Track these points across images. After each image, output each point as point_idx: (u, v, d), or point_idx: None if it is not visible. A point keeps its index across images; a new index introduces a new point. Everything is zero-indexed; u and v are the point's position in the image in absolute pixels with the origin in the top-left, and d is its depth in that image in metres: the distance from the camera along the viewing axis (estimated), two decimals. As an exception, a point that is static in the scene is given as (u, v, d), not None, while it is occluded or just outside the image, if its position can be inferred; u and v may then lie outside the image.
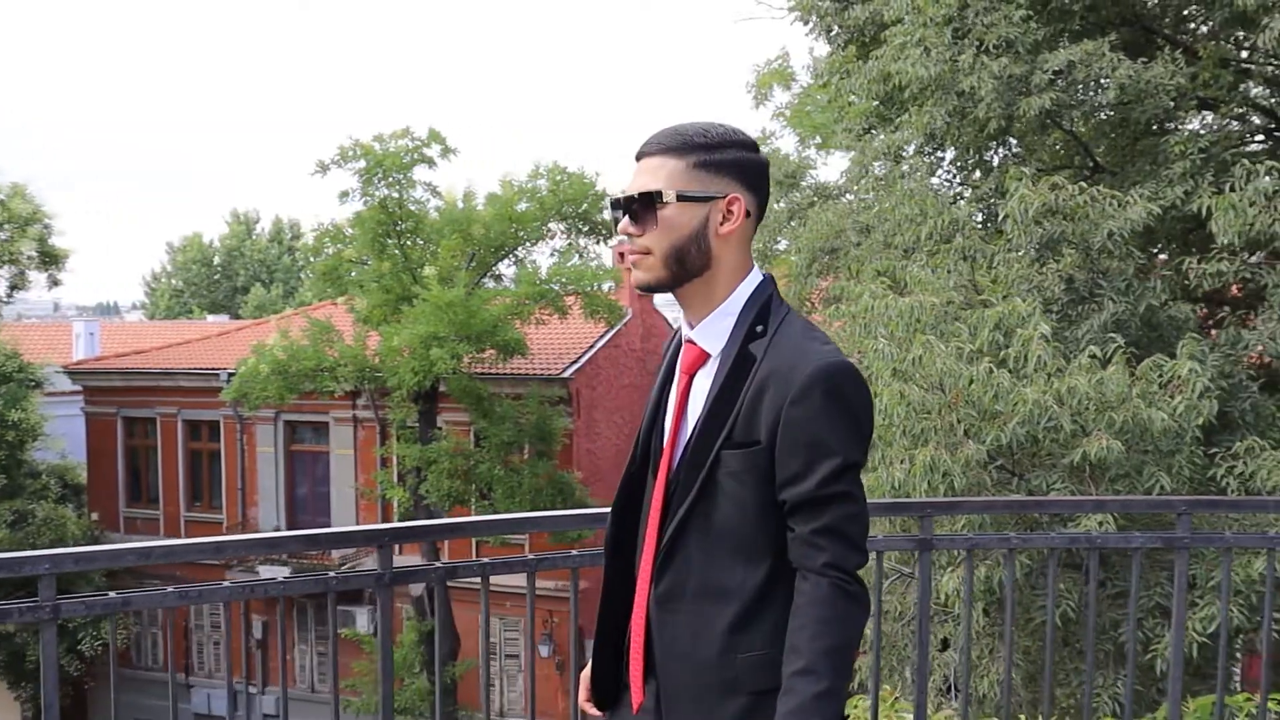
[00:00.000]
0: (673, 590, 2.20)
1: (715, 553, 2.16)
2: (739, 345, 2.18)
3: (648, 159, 2.19)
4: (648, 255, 2.17)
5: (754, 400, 2.12)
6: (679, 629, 2.19)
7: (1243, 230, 7.29)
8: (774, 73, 22.46)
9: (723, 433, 2.14)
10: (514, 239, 21.48)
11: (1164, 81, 8.46)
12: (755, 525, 2.14)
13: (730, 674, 2.13)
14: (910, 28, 9.48)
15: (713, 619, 2.15)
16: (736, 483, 2.13)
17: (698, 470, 2.16)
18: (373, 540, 3.34)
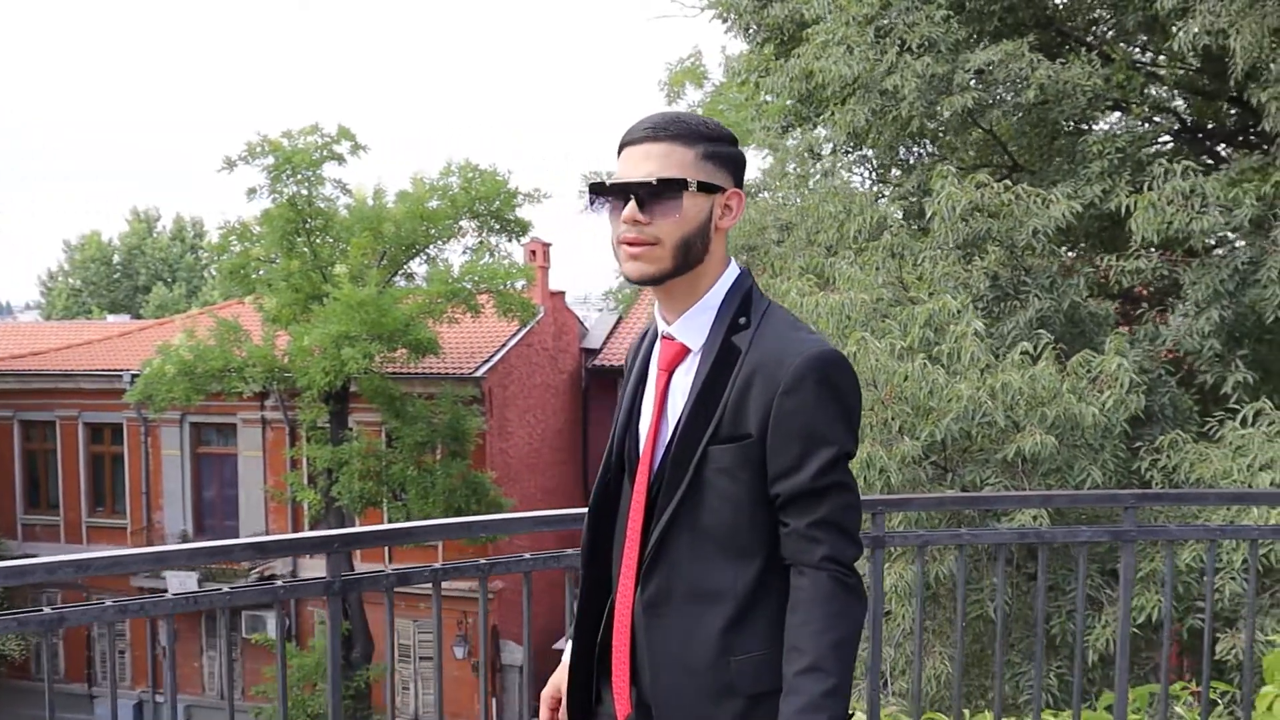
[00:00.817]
0: (660, 594, 2.13)
1: (704, 553, 2.10)
2: (722, 338, 2.12)
3: (651, 144, 2.09)
4: (655, 246, 2.07)
5: (741, 393, 2.06)
6: (669, 634, 2.12)
7: (1161, 228, 7.43)
8: (686, 71, 22.59)
9: (709, 428, 2.08)
10: (426, 237, 21.25)
11: (1082, 82, 8.59)
12: (747, 522, 2.08)
13: (726, 677, 2.07)
14: (832, 26, 9.53)
15: (705, 622, 2.09)
16: (728, 479, 2.07)
17: (684, 468, 2.10)
18: (322, 547, 3.21)
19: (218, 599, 3.09)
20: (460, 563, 3.47)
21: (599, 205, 2.17)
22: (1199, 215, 7.32)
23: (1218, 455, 6.32)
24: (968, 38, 9.27)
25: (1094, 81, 8.67)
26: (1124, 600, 3.99)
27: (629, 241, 2.09)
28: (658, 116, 2.14)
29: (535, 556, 3.59)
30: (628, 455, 2.30)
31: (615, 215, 2.12)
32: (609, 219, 2.15)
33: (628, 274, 2.14)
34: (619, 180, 2.10)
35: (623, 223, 2.09)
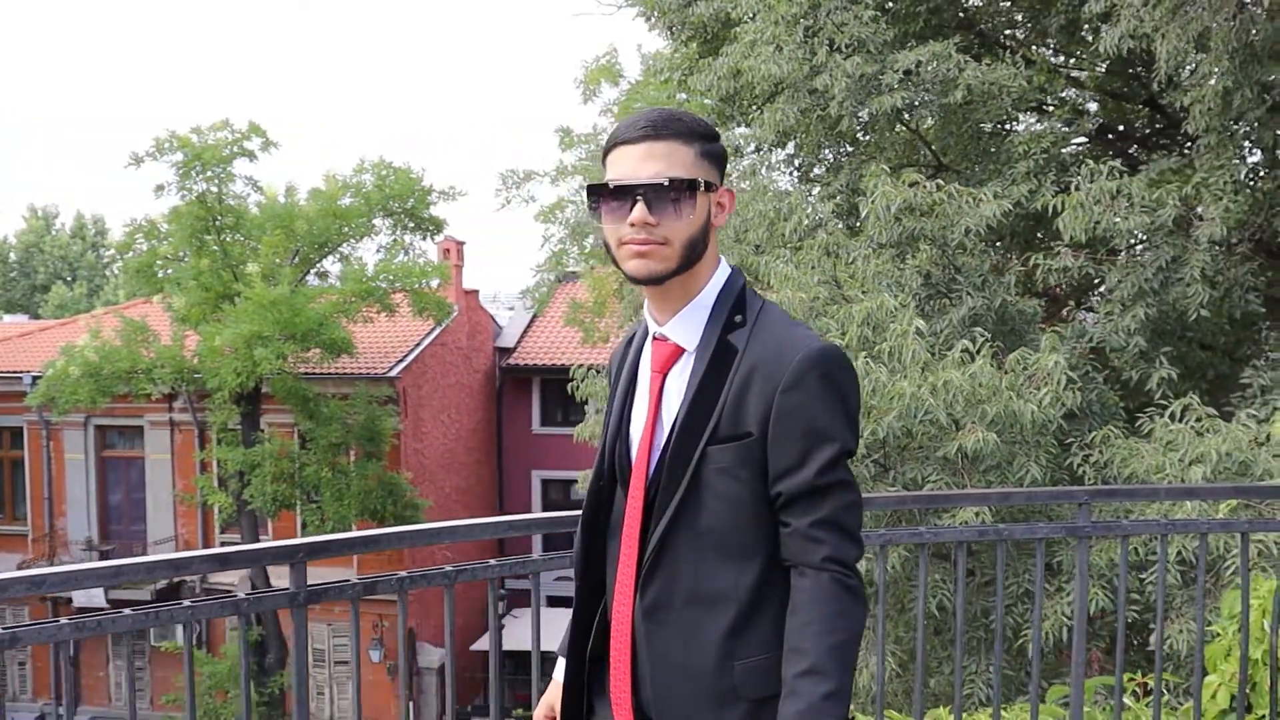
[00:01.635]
0: (661, 599, 2.08)
1: (705, 556, 2.06)
2: (717, 337, 2.09)
3: (652, 143, 2.04)
4: (663, 245, 2.03)
5: (740, 391, 2.03)
6: (670, 640, 2.07)
7: (1088, 227, 7.56)
8: (602, 69, 22.51)
9: (707, 428, 2.04)
10: (339, 235, 20.92)
11: (1008, 84, 8.72)
12: (748, 522, 2.04)
13: (728, 682, 2.03)
14: (761, 26, 9.55)
15: (706, 626, 2.04)
16: (729, 479, 2.03)
17: (682, 470, 2.05)
18: (286, 557, 3.09)
19: (179, 613, 2.97)
20: (426, 570, 3.37)
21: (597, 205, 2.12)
22: (1125, 215, 7.46)
23: (1149, 451, 6.44)
24: (895, 38, 9.35)
25: (1019, 83, 8.80)
26: (1080, 594, 4.03)
27: (637, 242, 2.04)
28: (654, 115, 2.09)
29: (501, 563, 3.51)
30: (619, 460, 2.24)
31: (614, 216, 2.07)
32: (605, 219, 2.10)
33: (632, 272, 2.09)
34: (625, 181, 2.05)
35: (630, 224, 2.04)
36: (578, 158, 20.89)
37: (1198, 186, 7.69)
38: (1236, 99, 6.98)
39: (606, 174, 2.12)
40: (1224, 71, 6.80)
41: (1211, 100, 7.04)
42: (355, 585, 3.26)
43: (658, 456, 2.12)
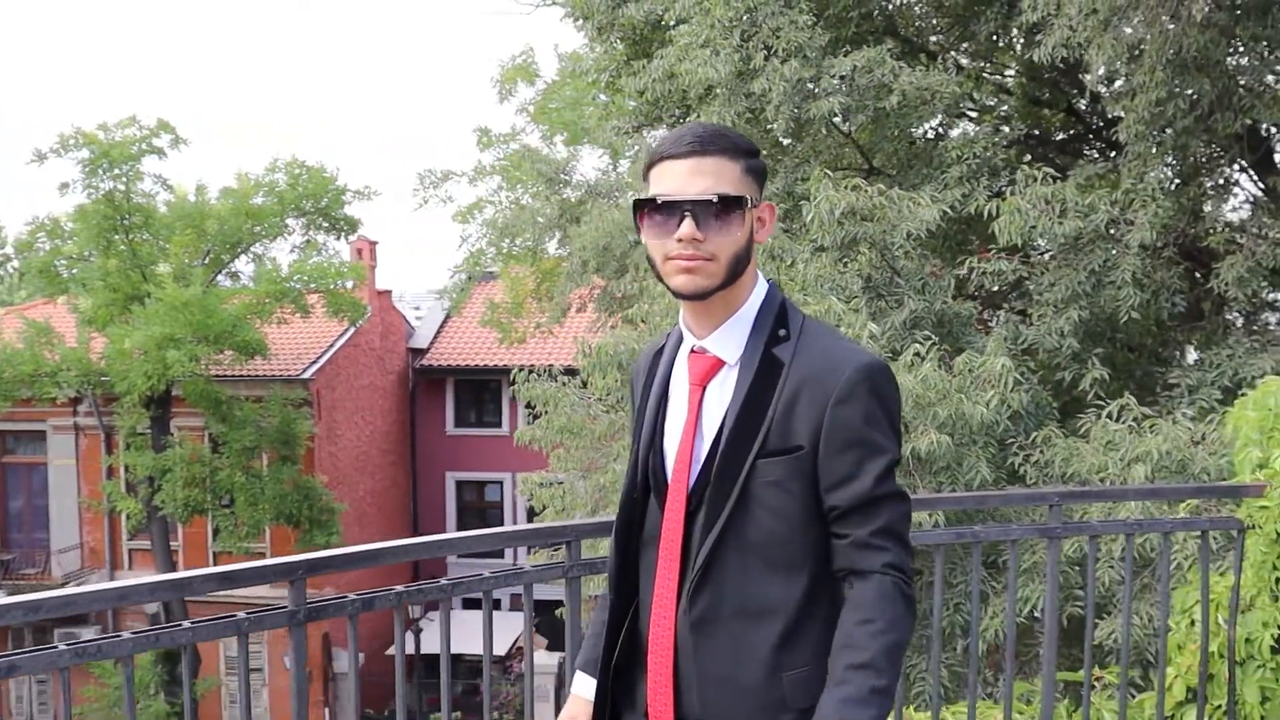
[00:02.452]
0: (709, 612, 2.09)
1: (753, 569, 2.07)
2: (761, 350, 2.11)
3: (700, 159, 2.05)
4: (710, 261, 2.05)
5: (789, 404, 2.05)
6: (719, 652, 2.08)
7: (1024, 232, 7.73)
8: (518, 68, 22.40)
9: (756, 441, 2.06)
10: (251, 235, 20.57)
11: (942, 90, 8.87)
12: (797, 536, 2.06)
13: (778, 694, 2.05)
14: (697, 29, 9.57)
15: (755, 638, 2.06)
16: (779, 491, 2.05)
17: (731, 483, 2.07)
18: (287, 574, 3.04)
19: (179, 635, 2.90)
20: (423, 584, 3.35)
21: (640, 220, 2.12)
22: (1059, 220, 7.64)
23: (1089, 450, 6.61)
24: (829, 44, 9.45)
25: (951, 89, 8.96)
26: (1051, 594, 4.11)
27: (685, 258, 2.05)
28: (700, 130, 2.11)
29: (496, 574, 3.48)
30: (654, 472, 2.24)
31: (661, 231, 2.08)
32: (650, 234, 2.11)
33: (679, 288, 2.10)
34: (673, 197, 2.05)
35: (678, 240, 2.04)
36: (496, 157, 20.78)
37: (1127, 193, 7.91)
38: (1169, 108, 7.20)
39: (650, 188, 2.12)
40: (1157, 82, 7.00)
41: (1144, 109, 7.25)
42: (354, 602, 3.22)
43: (699, 469, 2.13)
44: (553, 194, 15.06)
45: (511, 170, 20.15)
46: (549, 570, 3.64)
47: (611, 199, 13.31)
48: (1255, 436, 4.40)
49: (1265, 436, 4.34)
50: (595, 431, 8.95)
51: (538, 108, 22.25)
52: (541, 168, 15.54)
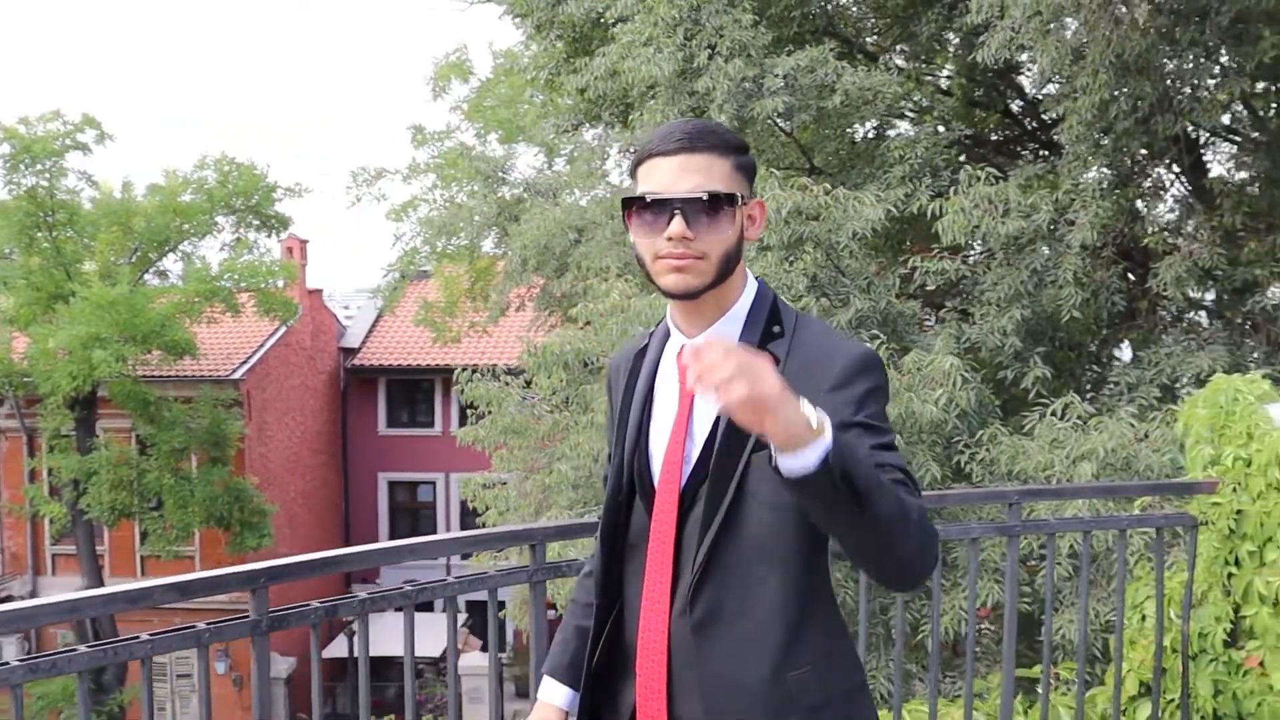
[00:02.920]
0: (710, 614, 2.04)
1: (753, 567, 2.03)
2: (755, 347, 2.05)
3: (688, 156, 2.00)
4: (701, 260, 2.00)
5: None
6: (722, 654, 2.03)
7: (968, 231, 7.79)
8: (452, 66, 22.24)
9: (751, 438, 2.00)
10: (179, 233, 20.17)
11: (884, 90, 8.93)
12: (794, 529, 2.00)
13: (783, 692, 2.00)
14: (640, 27, 9.54)
15: (759, 638, 2.02)
16: (774, 484, 1.99)
17: (727, 481, 2.02)
18: (249, 582, 2.95)
19: (137, 648, 2.80)
20: (386, 591, 3.27)
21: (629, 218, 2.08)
22: (1003, 220, 7.71)
23: (1035, 448, 6.67)
24: (771, 43, 9.47)
25: (894, 89, 9.02)
26: (1010, 593, 4.14)
27: (675, 256, 2.01)
28: (689, 126, 2.06)
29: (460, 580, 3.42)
30: (639, 476, 2.20)
31: (649, 229, 2.03)
32: (639, 233, 2.06)
33: (669, 287, 2.06)
34: (662, 195, 2.01)
35: (668, 239, 2.00)
36: (430, 155, 20.57)
37: (1068, 193, 8.01)
38: (1112, 110, 7.30)
39: (638, 186, 2.08)
40: (1100, 84, 7.09)
41: (1086, 111, 7.34)
42: (317, 610, 3.14)
43: (692, 469, 2.09)
44: (490, 192, 14.94)
45: (446, 168, 19.96)
46: (513, 575, 3.58)
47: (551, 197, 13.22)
48: (1206, 434, 4.45)
49: (1216, 434, 4.39)
50: (539, 432, 8.88)
51: (472, 105, 22.09)
52: (480, 165, 15.41)
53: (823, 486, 1.69)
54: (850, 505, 1.71)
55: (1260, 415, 4.29)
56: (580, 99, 11.49)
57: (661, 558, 2.10)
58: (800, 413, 1.67)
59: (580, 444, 7.58)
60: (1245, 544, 4.22)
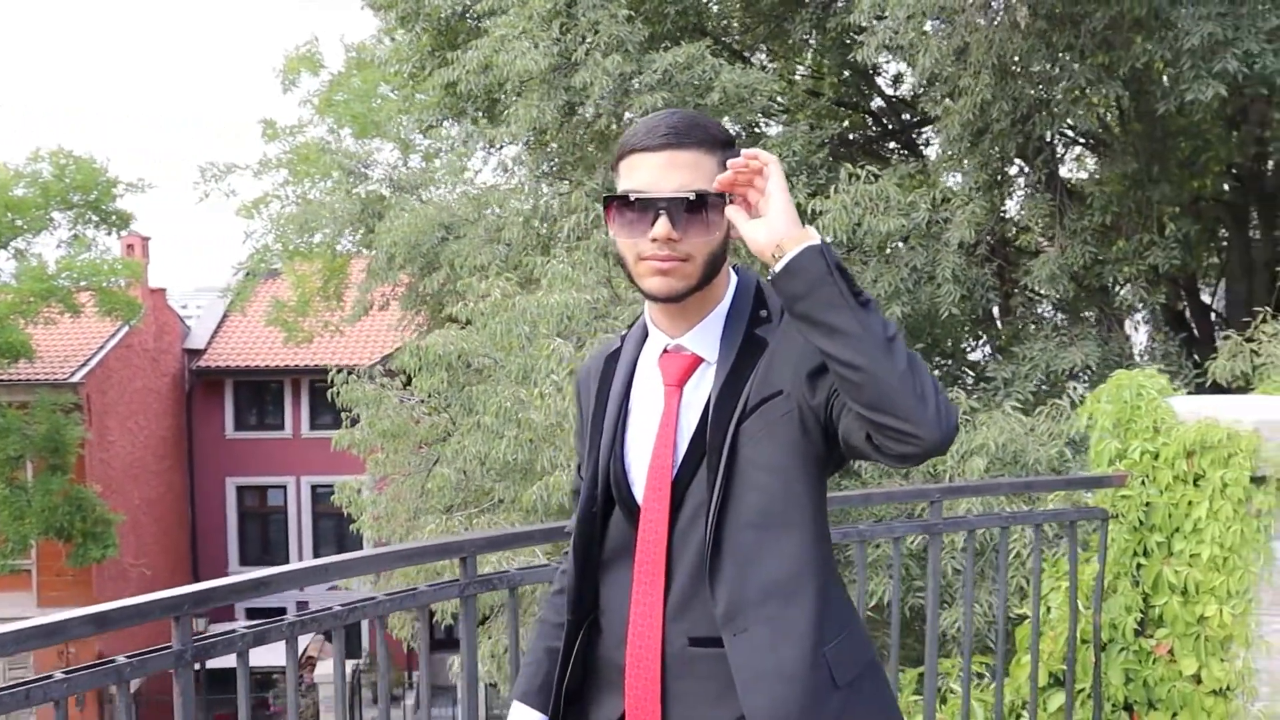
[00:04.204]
0: (734, 603, 1.93)
1: (763, 539, 1.93)
2: (744, 333, 1.99)
3: (675, 152, 1.90)
4: (686, 262, 1.91)
5: (767, 366, 1.94)
6: (756, 644, 1.91)
7: (850, 228, 7.86)
8: (303, 58, 21.61)
9: (737, 410, 1.94)
10: (12, 229, 19.11)
11: (762, 88, 8.96)
12: (798, 485, 1.93)
13: (823, 673, 1.91)
14: (514, 20, 9.39)
15: (792, 615, 1.91)
16: (767, 443, 1.92)
17: (717, 456, 1.93)
18: (172, 609, 2.74)
19: (53, 688, 2.56)
20: (316, 613, 3.09)
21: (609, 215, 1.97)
22: (884, 217, 7.80)
23: (925, 444, 6.75)
24: (648, 39, 9.43)
25: (771, 88, 9.06)
26: (932, 589, 4.15)
27: (660, 259, 1.91)
28: (675, 120, 1.96)
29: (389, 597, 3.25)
30: (616, 483, 2.10)
31: (632, 230, 1.93)
32: (620, 232, 1.95)
33: (653, 290, 1.96)
34: (647, 195, 1.90)
35: (651, 240, 1.89)
36: (282, 150, 19.94)
37: (944, 192, 8.16)
38: (993, 110, 7.45)
39: (620, 181, 1.97)
40: (982, 85, 7.23)
41: (968, 110, 7.48)
42: (245, 636, 2.94)
43: (678, 469, 1.99)
44: (352, 187, 14.55)
45: (298, 163, 19.38)
46: (444, 590, 3.43)
47: (416, 193, 12.94)
48: (1111, 428, 4.54)
49: (1122, 428, 4.49)
50: (418, 434, 8.66)
51: (323, 99, 21.49)
52: (342, 160, 14.99)
53: (816, 270, 1.73)
54: (851, 303, 1.72)
55: (1165, 409, 4.39)
56: (444, 94, 11.26)
57: (652, 565, 2.01)
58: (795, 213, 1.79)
59: (465, 447, 7.41)
60: (1154, 535, 4.31)
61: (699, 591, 1.97)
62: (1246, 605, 4.12)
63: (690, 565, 1.98)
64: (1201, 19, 6.47)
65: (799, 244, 1.76)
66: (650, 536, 2.01)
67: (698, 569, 1.97)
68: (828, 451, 1.95)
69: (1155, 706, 4.32)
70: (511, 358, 7.44)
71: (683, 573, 1.99)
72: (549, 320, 7.15)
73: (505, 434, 6.96)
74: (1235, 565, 4.11)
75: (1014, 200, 9.05)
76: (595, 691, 2.14)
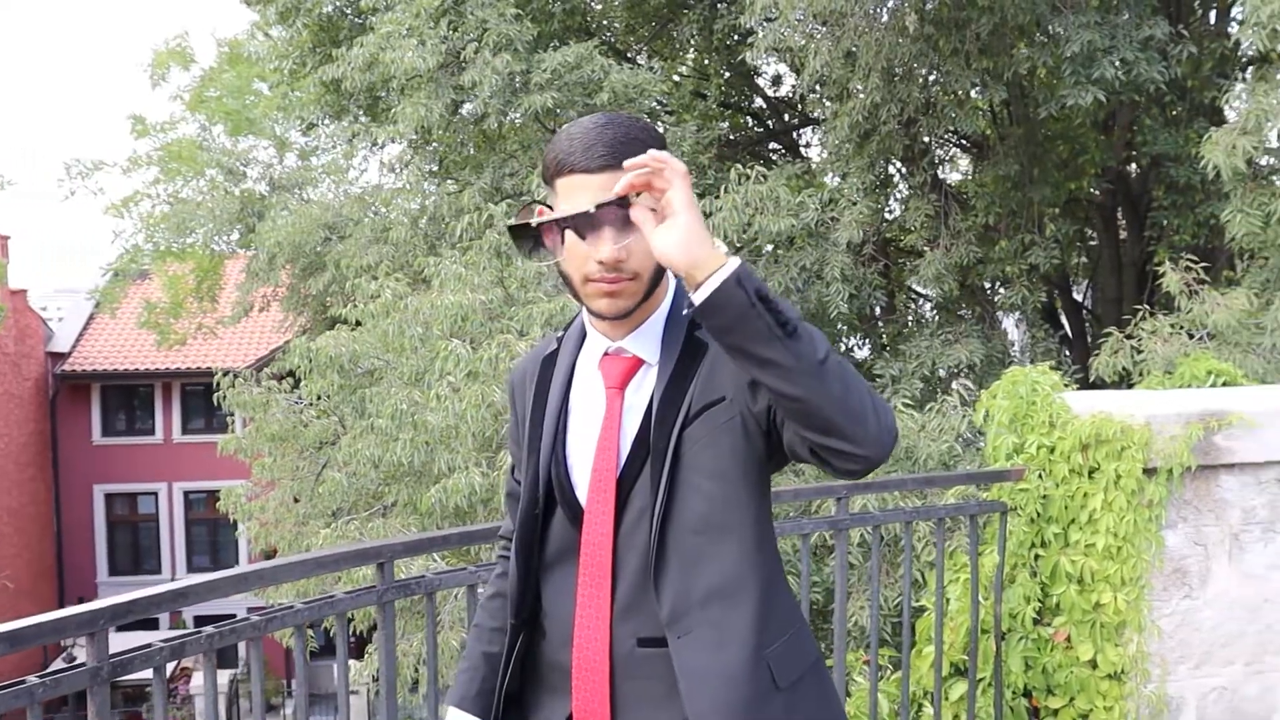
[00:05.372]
0: (678, 605, 1.93)
1: (705, 545, 1.93)
2: (684, 337, 1.98)
3: (616, 174, 1.80)
4: (633, 281, 1.89)
5: (710, 370, 1.94)
6: (699, 647, 1.92)
7: (741, 228, 7.95)
8: (172, 53, 20.96)
9: (680, 414, 1.93)
10: None
11: (651, 88, 9.00)
12: (740, 492, 1.94)
13: (764, 675, 1.92)
14: (401, 17, 9.27)
15: (734, 619, 1.92)
16: (710, 450, 1.92)
17: (660, 461, 1.93)
18: (86, 626, 2.64)
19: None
20: (235, 621, 3.01)
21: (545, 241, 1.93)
22: (774, 217, 7.91)
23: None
24: (536, 38, 9.40)
25: (660, 88, 9.11)
26: (840, 584, 4.22)
27: (608, 281, 1.89)
28: (609, 138, 1.88)
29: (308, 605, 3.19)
30: (559, 485, 2.09)
31: (574, 251, 1.90)
32: (563, 252, 1.92)
33: (602, 310, 1.94)
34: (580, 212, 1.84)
35: (598, 262, 1.87)
36: (152, 147, 19.31)
37: (832, 193, 8.30)
38: (882, 113, 7.60)
39: (557, 200, 1.91)
40: (872, 88, 7.37)
41: (858, 112, 7.61)
42: (162, 650, 2.85)
43: (623, 469, 1.99)
44: (232, 186, 14.18)
45: (170, 161, 18.79)
46: (362, 597, 3.37)
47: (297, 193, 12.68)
48: (1007, 423, 4.68)
49: (1019, 423, 4.62)
50: (307, 438, 8.48)
51: (194, 95, 20.88)
52: (221, 159, 14.59)
53: (737, 302, 1.66)
54: (780, 334, 1.67)
55: (1059, 405, 4.53)
56: (325, 91, 11.07)
57: (598, 567, 2.00)
58: (705, 230, 1.70)
59: (358, 450, 7.28)
60: (1051, 527, 4.45)
61: (645, 592, 1.97)
62: (1139, 592, 4.27)
63: (636, 566, 1.98)
64: (1081, 27, 6.70)
65: (714, 271, 1.67)
66: (595, 538, 2.00)
67: (643, 571, 1.97)
68: (770, 456, 1.96)
69: (1054, 692, 4.46)
70: (404, 359, 7.35)
71: (629, 574, 1.99)
72: (443, 321, 7.07)
73: (401, 437, 6.87)
74: (1129, 554, 4.25)
75: (898, 201, 9.25)
76: (537, 695, 2.13)
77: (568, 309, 6.98)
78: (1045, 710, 4.52)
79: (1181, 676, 4.33)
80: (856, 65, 7.39)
